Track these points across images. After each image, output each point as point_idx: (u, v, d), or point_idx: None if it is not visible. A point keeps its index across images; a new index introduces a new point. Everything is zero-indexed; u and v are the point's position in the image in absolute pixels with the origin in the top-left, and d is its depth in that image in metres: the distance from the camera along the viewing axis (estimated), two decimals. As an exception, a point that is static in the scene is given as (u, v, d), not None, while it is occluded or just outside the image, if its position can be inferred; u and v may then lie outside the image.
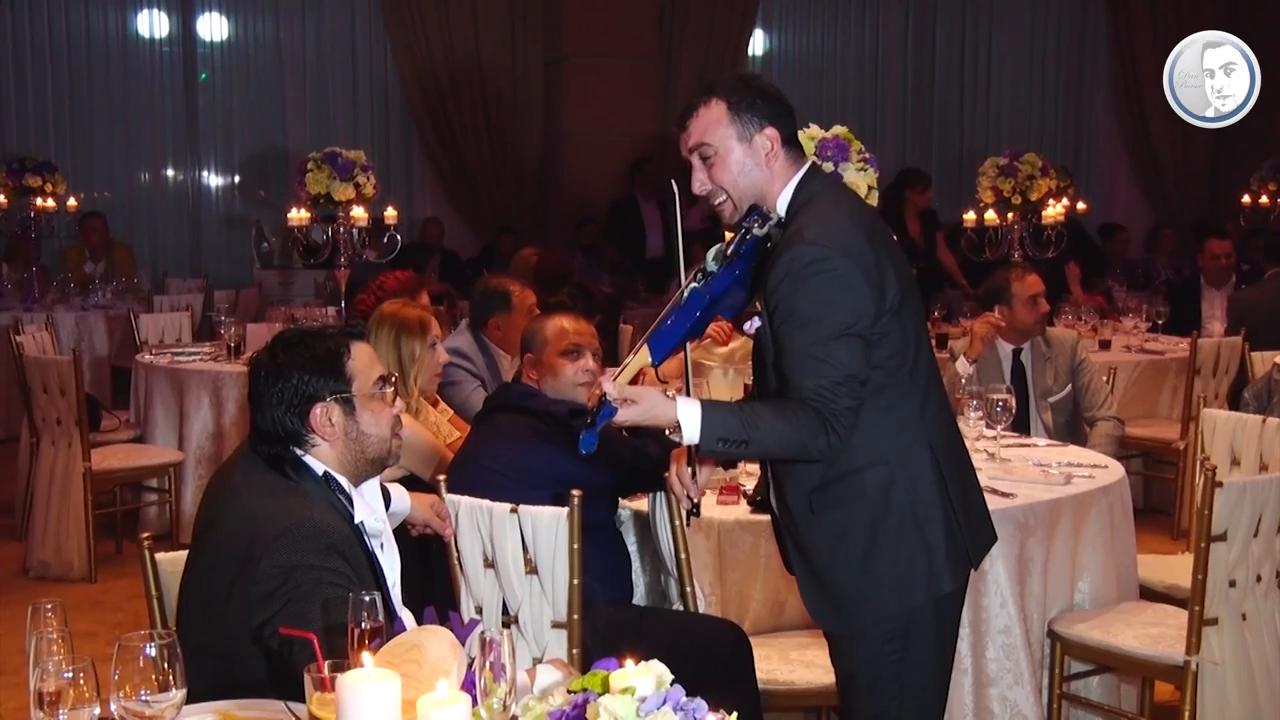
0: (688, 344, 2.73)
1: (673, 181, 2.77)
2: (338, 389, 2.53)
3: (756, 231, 2.68)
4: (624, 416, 2.52)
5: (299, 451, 2.51)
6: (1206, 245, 8.31)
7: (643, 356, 2.59)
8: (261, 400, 2.53)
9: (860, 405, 2.55)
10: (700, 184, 2.73)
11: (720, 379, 5.10)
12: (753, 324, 2.72)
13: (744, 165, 2.69)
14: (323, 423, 2.51)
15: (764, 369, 2.73)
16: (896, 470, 2.65)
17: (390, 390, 2.62)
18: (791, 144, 2.73)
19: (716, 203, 2.75)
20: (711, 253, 2.69)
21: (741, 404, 2.65)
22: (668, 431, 2.57)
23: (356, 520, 2.51)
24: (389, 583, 2.58)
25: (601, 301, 7.05)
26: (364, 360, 2.58)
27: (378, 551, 2.58)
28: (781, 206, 2.71)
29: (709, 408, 2.56)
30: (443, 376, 4.35)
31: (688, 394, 2.74)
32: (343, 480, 2.53)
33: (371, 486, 2.65)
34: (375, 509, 2.64)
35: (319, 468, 2.52)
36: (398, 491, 3.05)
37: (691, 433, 2.53)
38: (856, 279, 2.56)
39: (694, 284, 2.65)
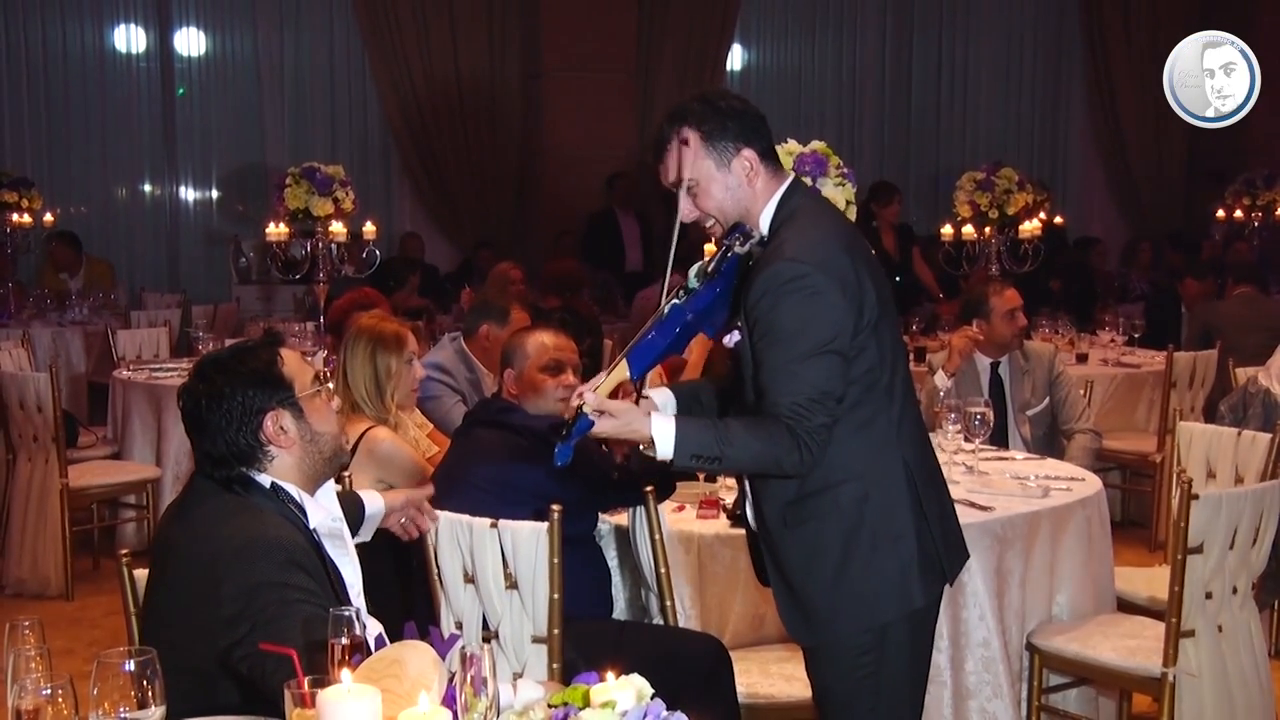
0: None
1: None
2: (282, 395, 2.53)
3: (738, 249, 2.69)
4: (600, 429, 2.54)
5: (251, 471, 2.50)
6: (1185, 283, 8.39)
7: (621, 370, 2.60)
8: (207, 427, 2.50)
9: (834, 422, 2.57)
10: (687, 213, 2.74)
11: None
12: (733, 338, 2.74)
13: (727, 189, 2.70)
14: (276, 432, 2.51)
15: (743, 383, 2.74)
16: (870, 486, 2.67)
17: (326, 388, 2.63)
18: (769, 156, 2.74)
19: (707, 225, 2.77)
20: (693, 270, 2.71)
21: (715, 420, 2.66)
22: (642, 447, 2.59)
23: (311, 525, 2.50)
24: (351, 593, 2.56)
25: (592, 323, 7.08)
26: (295, 364, 2.60)
27: (340, 558, 2.56)
28: (764, 223, 2.72)
29: (683, 424, 2.57)
30: (419, 391, 4.33)
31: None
32: (291, 489, 2.52)
33: (326, 490, 2.65)
34: (330, 509, 2.63)
35: (265, 480, 2.50)
36: (370, 496, 3.04)
37: (665, 448, 2.55)
38: (835, 295, 2.58)
39: (675, 300, 2.67)
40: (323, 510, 2.58)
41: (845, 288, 2.59)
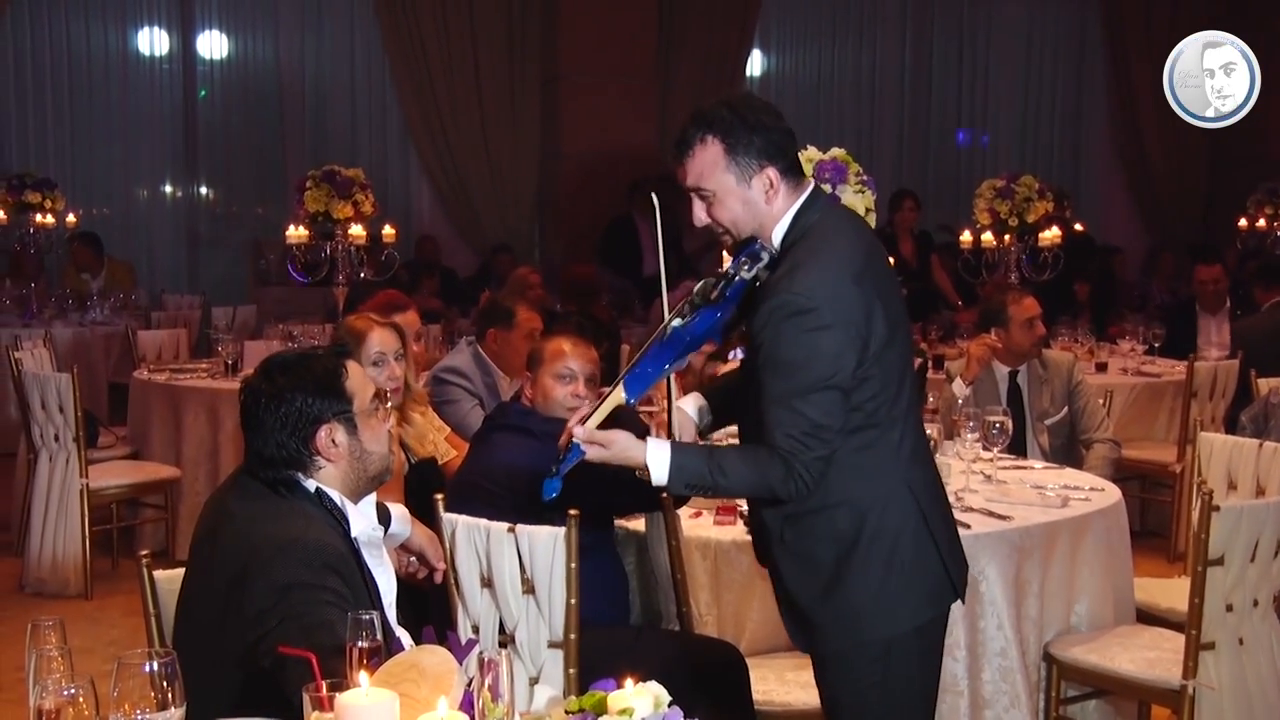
0: (671, 376, 2.74)
1: (653, 195, 2.77)
2: (340, 409, 2.53)
3: (745, 275, 2.67)
4: (594, 456, 2.55)
5: (297, 475, 2.51)
6: (1195, 271, 8.33)
7: (617, 396, 2.60)
8: (262, 426, 2.51)
9: (831, 453, 2.57)
10: (699, 218, 2.72)
11: None
12: (736, 354, 2.74)
13: (744, 204, 2.67)
14: (327, 444, 2.51)
15: (746, 397, 2.73)
16: (868, 509, 2.65)
17: (385, 406, 2.63)
18: (791, 172, 2.68)
19: (718, 234, 2.75)
20: (699, 287, 2.69)
21: (711, 449, 2.67)
22: (637, 472, 2.58)
23: (353, 534, 2.52)
24: (385, 601, 2.57)
25: (610, 328, 7.07)
26: (359, 378, 2.60)
27: (377, 569, 2.58)
28: (777, 238, 2.68)
29: (678, 452, 2.57)
30: (401, 393, 4.21)
31: (669, 419, 2.76)
32: (334, 495, 2.53)
33: (368, 499, 2.65)
34: (371, 518, 2.64)
35: (310, 485, 2.51)
36: (399, 513, 3.03)
37: (660, 476, 2.56)
38: (839, 332, 2.54)
39: (677, 321, 2.65)
40: (364, 519, 2.59)
41: (850, 322, 2.56)
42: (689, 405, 2.87)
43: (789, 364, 2.54)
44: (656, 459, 2.54)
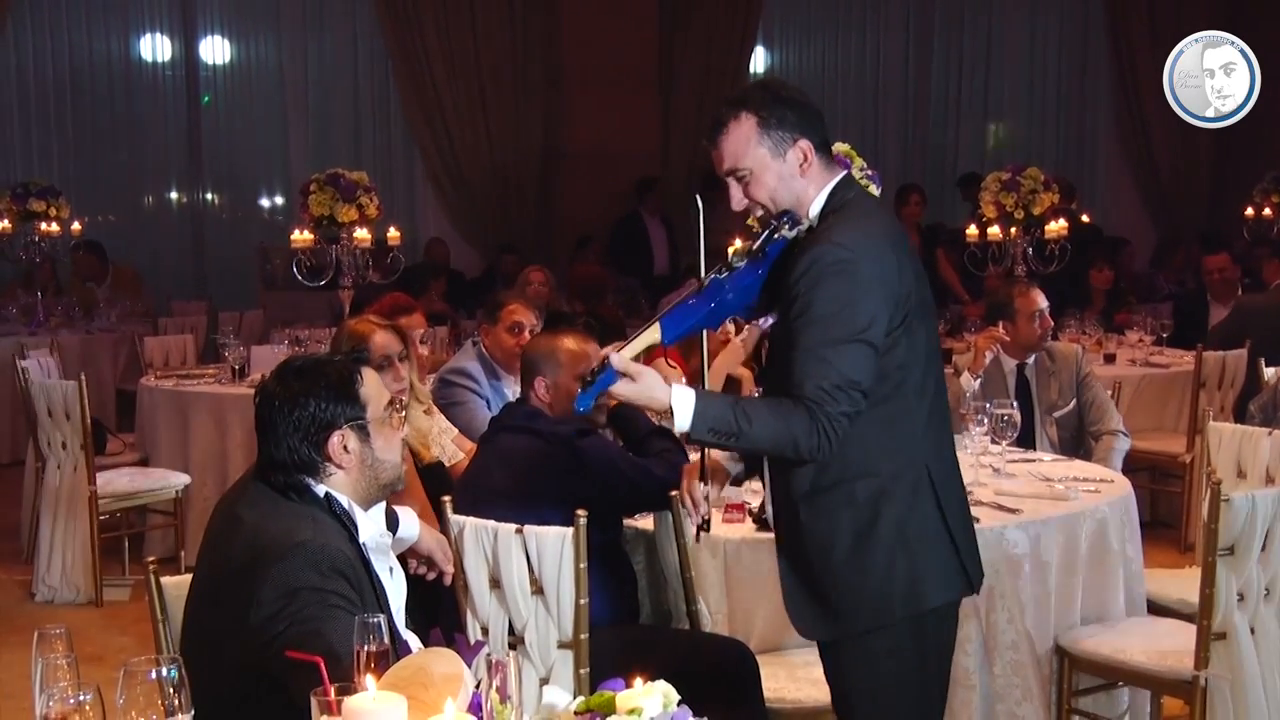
0: (704, 335, 2.76)
1: (697, 197, 2.78)
2: (353, 415, 2.52)
3: (785, 233, 2.70)
4: (620, 390, 2.55)
5: (309, 480, 2.50)
6: (1204, 261, 8.30)
7: (653, 333, 2.63)
8: (275, 430, 2.50)
9: (856, 413, 2.55)
10: (738, 201, 2.74)
11: None
12: (768, 320, 2.74)
13: (780, 179, 2.70)
14: (338, 451, 2.50)
15: (775, 366, 2.73)
16: (888, 482, 2.66)
17: (399, 414, 2.62)
18: (824, 150, 2.73)
19: (757, 215, 2.77)
20: (737, 244, 2.71)
21: (737, 398, 2.67)
22: (659, 416, 2.59)
23: (361, 539, 2.51)
24: (394, 607, 2.57)
25: (617, 328, 7.06)
26: (374, 385, 2.59)
27: (384, 574, 2.57)
28: (814, 211, 2.72)
29: (703, 397, 2.57)
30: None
31: (702, 384, 2.76)
32: (343, 500, 2.52)
33: (377, 506, 2.65)
34: (380, 525, 2.64)
35: (320, 490, 2.51)
36: (408, 516, 3.03)
37: (683, 420, 2.55)
38: (875, 285, 2.58)
39: (715, 275, 2.67)
40: (373, 525, 2.58)
41: (886, 279, 2.59)
42: (721, 454, 2.89)
43: (823, 314, 2.55)
44: (681, 400, 2.54)
